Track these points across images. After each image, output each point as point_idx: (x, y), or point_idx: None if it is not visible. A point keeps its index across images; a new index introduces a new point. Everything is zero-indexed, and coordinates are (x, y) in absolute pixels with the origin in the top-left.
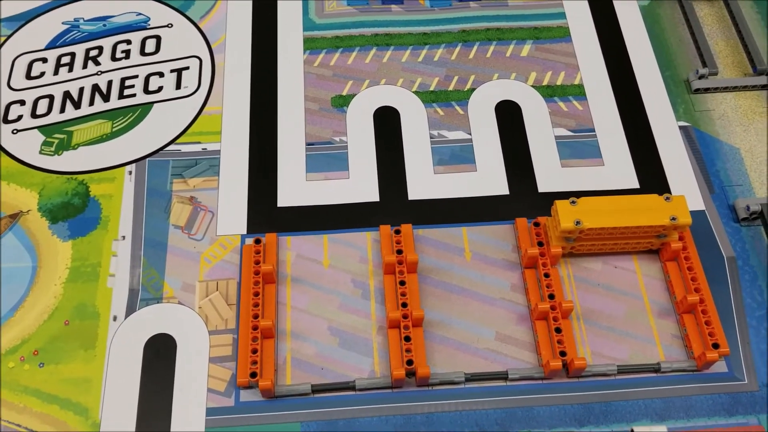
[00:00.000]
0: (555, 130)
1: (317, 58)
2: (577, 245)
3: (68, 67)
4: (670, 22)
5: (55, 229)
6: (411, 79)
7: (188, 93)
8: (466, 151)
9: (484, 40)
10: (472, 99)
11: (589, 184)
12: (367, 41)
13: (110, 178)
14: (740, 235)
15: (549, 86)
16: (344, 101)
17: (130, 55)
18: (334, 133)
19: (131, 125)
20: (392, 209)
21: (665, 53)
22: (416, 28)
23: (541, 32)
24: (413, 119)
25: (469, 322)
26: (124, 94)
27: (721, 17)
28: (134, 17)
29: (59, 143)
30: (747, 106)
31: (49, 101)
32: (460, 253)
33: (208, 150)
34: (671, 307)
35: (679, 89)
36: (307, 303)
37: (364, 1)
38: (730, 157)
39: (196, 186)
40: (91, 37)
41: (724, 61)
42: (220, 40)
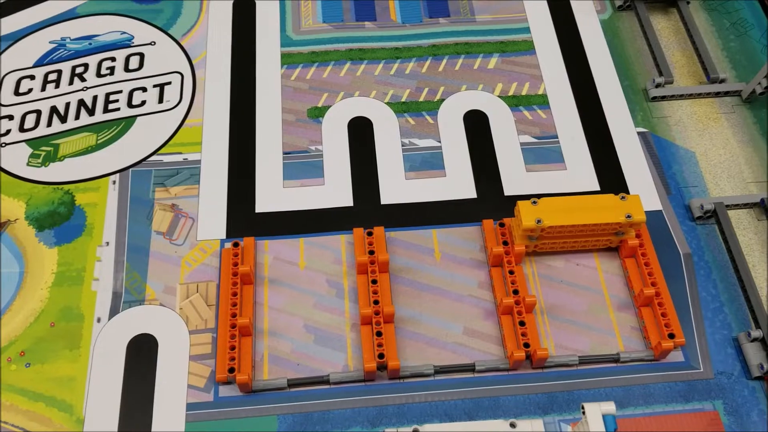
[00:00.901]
0: (520, 137)
1: (294, 72)
2: (540, 244)
3: (55, 84)
4: (629, 35)
5: (41, 236)
6: (383, 91)
7: (170, 106)
8: (436, 158)
9: (453, 53)
10: (441, 109)
11: (553, 187)
12: (341, 56)
13: (95, 187)
14: (695, 233)
15: (515, 96)
16: (320, 112)
17: (114, 71)
18: (310, 142)
19: (115, 137)
20: (365, 213)
21: (624, 64)
22: (388, 43)
23: (506, 46)
24: (386, 128)
25: (438, 318)
26: (108, 108)
27: (677, 29)
28: (119, 36)
29: (46, 155)
30: (702, 112)
31: (36, 116)
32: (430, 254)
33: (189, 160)
34: (630, 301)
35: (638, 97)
36: (283, 303)
37: (339, 19)
38: (686, 160)
39: (177, 194)
40: (77, 54)
41: (680, 70)
42: (200, 56)
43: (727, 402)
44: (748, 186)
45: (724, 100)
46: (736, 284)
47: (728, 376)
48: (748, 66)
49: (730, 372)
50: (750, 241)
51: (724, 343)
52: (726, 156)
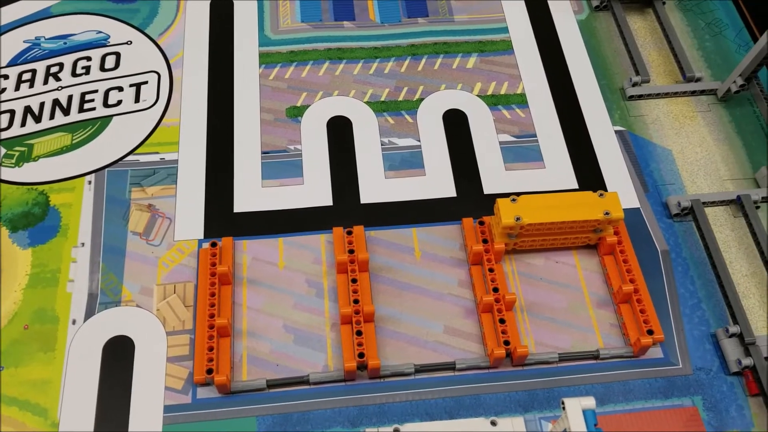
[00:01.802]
0: (499, 136)
1: (272, 71)
2: (519, 242)
3: (29, 83)
4: (606, 35)
5: (15, 237)
6: (363, 90)
7: (147, 106)
8: (416, 157)
9: (432, 53)
10: (420, 108)
11: (532, 185)
12: (320, 55)
13: (70, 188)
14: (673, 230)
15: (493, 95)
16: (299, 112)
17: (90, 71)
18: (289, 141)
19: (91, 137)
20: (345, 212)
21: (601, 63)
22: (367, 43)
23: (485, 45)
24: (365, 128)
25: (418, 316)
26: (84, 108)
27: (653, 29)
28: (94, 35)
29: (20, 155)
30: (678, 111)
31: (10, 116)
32: (410, 252)
33: (166, 159)
34: (609, 298)
35: (615, 96)
36: (262, 303)
37: (318, 18)
38: (663, 158)
39: (154, 194)
40: (52, 54)
41: (656, 69)
42: (177, 56)
43: (706, 398)
44: (724, 183)
45: (700, 98)
46: (713, 280)
47: (707, 372)
48: (723, 65)
49: (708, 368)
50: (727, 237)
51: (703, 339)
52: (702, 154)
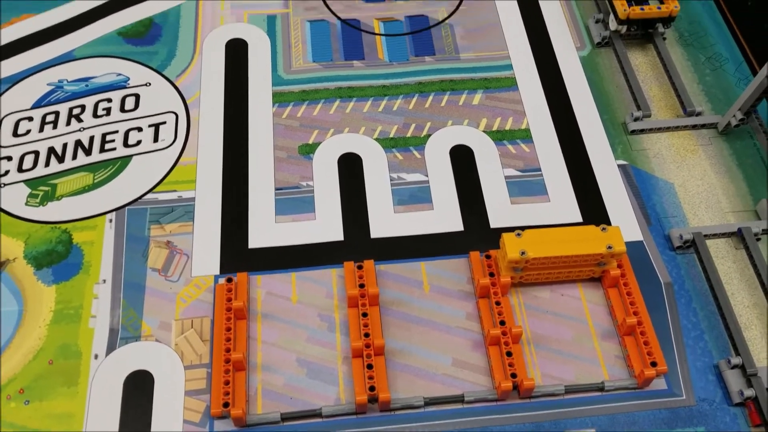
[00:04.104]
0: (505, 170)
1: (285, 110)
2: (525, 275)
3: (53, 125)
4: (608, 70)
5: (39, 275)
6: (372, 127)
7: (165, 145)
8: (424, 192)
9: (439, 90)
10: (428, 144)
11: (537, 219)
12: (331, 94)
13: (92, 226)
14: (676, 262)
15: (499, 131)
16: (311, 149)
17: (110, 112)
18: (301, 178)
19: (112, 176)
20: (356, 247)
21: (604, 98)
22: (376, 81)
23: (490, 82)
24: (374, 164)
25: (427, 349)
26: (105, 148)
27: (654, 64)
28: (115, 77)
29: (44, 195)
30: (679, 144)
31: (34, 156)
32: (419, 286)
33: (184, 197)
34: (614, 330)
35: (617, 131)
36: (276, 337)
37: (328, 58)
38: (665, 192)
39: (172, 231)
40: (74, 96)
41: (657, 104)
42: (194, 96)
43: (710, 428)
44: (725, 216)
45: (701, 132)
46: (715, 312)
47: (710, 403)
48: (724, 99)
49: (711, 399)
50: (728, 269)
51: (705, 371)
52: (704, 187)
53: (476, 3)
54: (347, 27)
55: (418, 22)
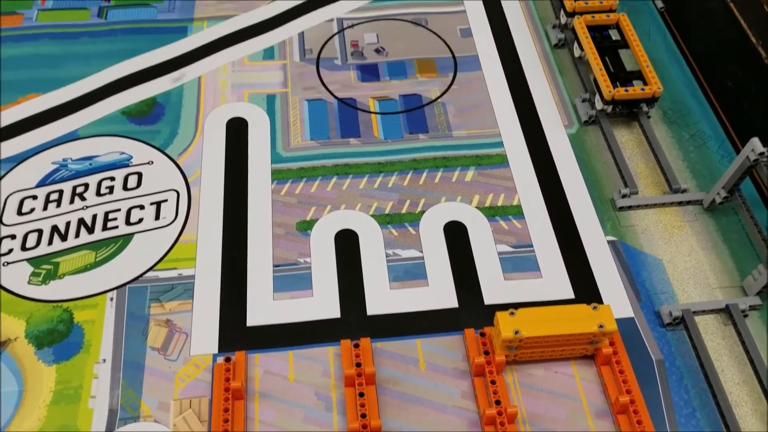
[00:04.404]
0: (497, 246)
1: (284, 187)
2: (519, 353)
3: (56, 203)
4: (595, 147)
5: (40, 354)
6: (368, 204)
7: (166, 223)
8: (419, 268)
9: (432, 167)
10: (423, 220)
11: (530, 295)
12: (328, 171)
13: (93, 304)
14: (666, 339)
15: (491, 207)
16: (308, 225)
17: (113, 190)
18: (299, 255)
19: (114, 254)
20: (352, 324)
21: (592, 175)
22: (372, 159)
23: (482, 159)
24: (370, 240)
25: (424, 429)
26: (107, 226)
27: (639, 142)
28: (118, 156)
29: (46, 273)
30: (667, 220)
31: (38, 235)
32: (415, 364)
33: (184, 275)
34: (607, 408)
35: (606, 207)
36: (274, 417)
37: (326, 136)
38: (654, 268)
39: (171, 309)
40: (78, 175)
41: (644, 181)
42: (196, 174)
43: None
44: (713, 291)
45: (687, 208)
46: (707, 389)
47: None
48: (708, 175)
49: None
50: (718, 346)
51: None
52: (691, 263)
53: (467, 82)
54: (344, 106)
55: (411, 101)
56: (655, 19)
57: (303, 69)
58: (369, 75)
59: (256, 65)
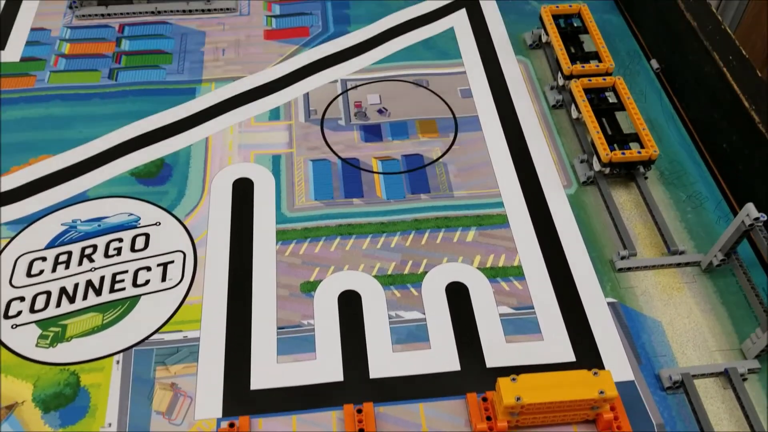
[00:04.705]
0: (499, 308)
1: (288, 248)
2: (521, 419)
3: (65, 265)
4: (594, 208)
5: (47, 418)
6: (371, 264)
7: (172, 285)
8: (421, 330)
9: (434, 227)
10: (425, 281)
11: (531, 358)
12: (332, 231)
13: (99, 368)
14: (666, 403)
15: (492, 268)
16: (312, 287)
17: (121, 252)
18: (302, 317)
19: (120, 317)
20: (355, 388)
21: (591, 236)
22: (375, 219)
23: (483, 219)
24: (373, 302)
25: None
26: (114, 288)
27: (637, 202)
28: (126, 217)
29: (54, 336)
30: (666, 282)
31: (46, 297)
32: (418, 428)
33: (189, 337)
34: None
35: (605, 268)
36: None
37: (329, 196)
38: (654, 330)
39: (176, 372)
40: (87, 236)
41: (642, 242)
42: (202, 235)
43: None
44: (713, 354)
45: (686, 270)
46: None
47: None
48: (705, 236)
49: None
50: (718, 410)
51: None
52: (691, 325)
53: (468, 142)
54: (347, 166)
55: (413, 161)
56: (651, 80)
57: (308, 129)
58: (372, 135)
59: (262, 126)
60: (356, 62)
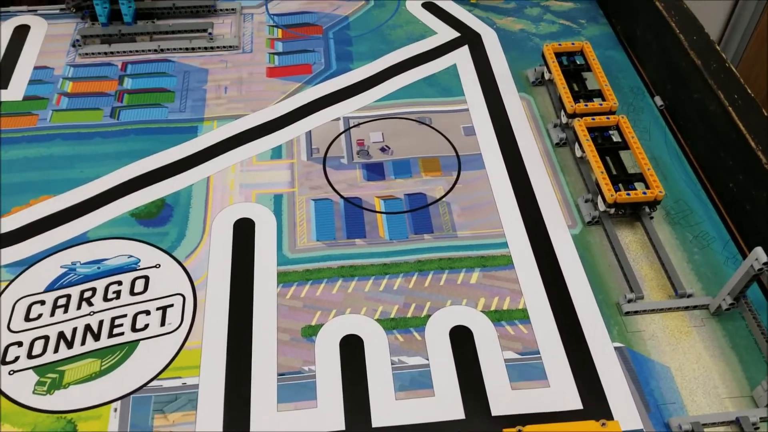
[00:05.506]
0: (504, 353)
1: (289, 290)
2: None
3: (64, 309)
4: (600, 249)
5: None
6: (373, 307)
7: (171, 329)
8: (424, 377)
9: (438, 269)
10: (428, 325)
11: (537, 406)
12: (334, 273)
13: (97, 416)
14: None
15: (496, 311)
16: (313, 331)
17: (120, 295)
18: (303, 362)
19: (119, 363)
20: None
21: (597, 278)
22: (377, 260)
23: (487, 260)
24: (376, 346)
25: None
26: (113, 333)
27: (643, 243)
28: (126, 259)
29: (51, 383)
30: (674, 326)
31: (44, 342)
32: None
33: (188, 384)
34: None
35: (612, 311)
36: None
37: (332, 237)
38: (662, 376)
39: (175, 421)
40: (86, 279)
41: (649, 284)
42: (202, 278)
43: None
44: (723, 402)
45: (694, 313)
46: None
47: None
48: (713, 278)
49: None
50: None
51: None
52: (700, 371)
53: (471, 181)
54: (350, 205)
55: (416, 200)
56: (655, 117)
57: (310, 168)
58: (374, 174)
59: (264, 165)
60: (359, 100)
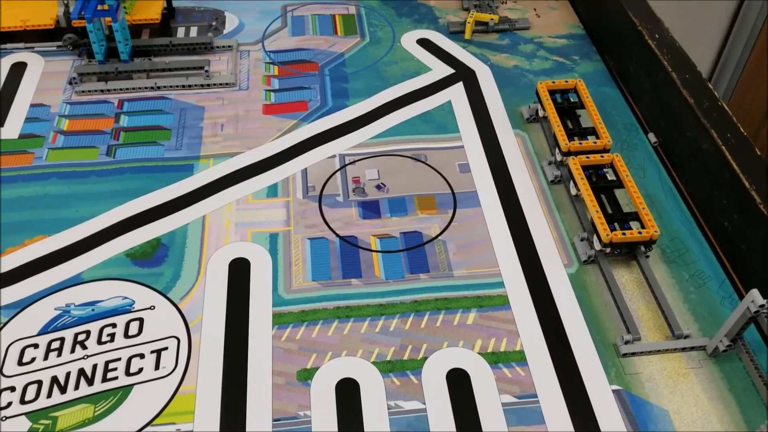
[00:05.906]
0: (501, 396)
1: (284, 332)
2: None
3: (57, 352)
4: (596, 288)
5: None
6: (369, 349)
7: (166, 373)
8: (421, 422)
9: (434, 309)
10: (425, 368)
11: None
12: (329, 314)
13: None
14: None
15: (493, 353)
16: (308, 374)
17: (114, 338)
18: (299, 407)
19: (112, 408)
20: None
21: (594, 318)
22: (373, 300)
23: (483, 301)
24: (372, 390)
25: None
26: (107, 377)
27: (639, 282)
28: (121, 301)
29: (44, 429)
30: (671, 368)
31: (37, 387)
32: None
33: (182, 431)
34: None
35: (609, 352)
36: None
37: (327, 277)
38: (661, 419)
39: None
40: (80, 321)
41: (646, 324)
42: (197, 320)
43: None
44: None
45: (691, 354)
46: None
47: None
48: (710, 318)
49: None
50: None
51: None
52: (698, 414)
53: (467, 219)
54: (345, 244)
55: (412, 239)
56: (649, 154)
57: (305, 206)
58: (370, 212)
59: (259, 203)
60: (354, 137)
